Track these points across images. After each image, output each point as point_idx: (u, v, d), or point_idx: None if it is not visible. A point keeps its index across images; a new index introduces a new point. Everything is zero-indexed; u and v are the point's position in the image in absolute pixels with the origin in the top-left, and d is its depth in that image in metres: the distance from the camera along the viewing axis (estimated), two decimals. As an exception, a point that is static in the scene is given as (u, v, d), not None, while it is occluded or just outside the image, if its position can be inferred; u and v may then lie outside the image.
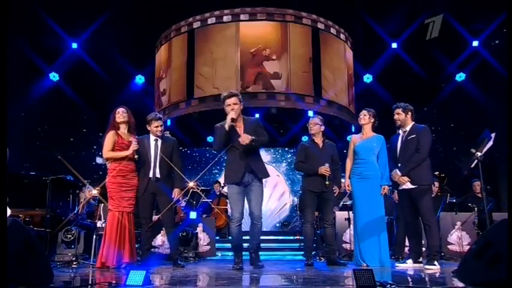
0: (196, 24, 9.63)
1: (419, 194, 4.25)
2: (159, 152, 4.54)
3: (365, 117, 4.67)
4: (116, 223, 4.24)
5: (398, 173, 4.33)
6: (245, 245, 4.49)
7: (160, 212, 4.60)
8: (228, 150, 4.20)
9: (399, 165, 4.38)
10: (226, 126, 4.02)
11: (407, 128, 4.43)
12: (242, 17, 9.45)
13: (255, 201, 4.14)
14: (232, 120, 4.01)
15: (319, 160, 4.66)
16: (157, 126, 4.55)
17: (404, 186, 4.35)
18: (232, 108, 4.06)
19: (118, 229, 4.23)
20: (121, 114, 4.49)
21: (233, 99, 4.10)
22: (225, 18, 9.48)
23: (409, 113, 4.44)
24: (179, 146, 4.80)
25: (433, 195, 4.77)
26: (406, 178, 4.30)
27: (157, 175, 4.49)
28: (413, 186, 4.29)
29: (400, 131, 4.50)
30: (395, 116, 4.48)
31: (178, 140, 4.98)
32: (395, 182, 4.45)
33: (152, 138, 4.62)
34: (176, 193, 4.58)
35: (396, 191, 4.67)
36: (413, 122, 4.46)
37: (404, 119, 4.44)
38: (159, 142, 4.61)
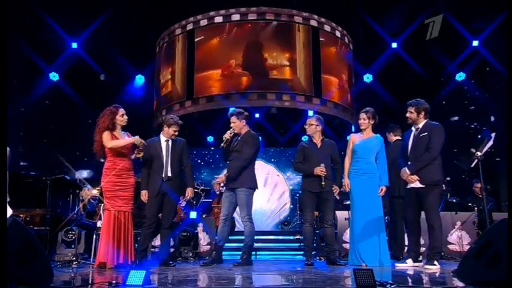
0: (197, 24, 9.63)
1: (427, 193, 4.16)
2: (170, 153, 4.63)
3: (364, 122, 4.63)
4: (112, 222, 4.21)
5: (407, 171, 4.24)
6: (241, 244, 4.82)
7: (162, 212, 4.60)
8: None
9: (409, 163, 4.29)
10: None
11: (420, 125, 4.33)
12: (241, 17, 9.45)
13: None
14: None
15: (318, 160, 4.65)
16: (175, 131, 4.70)
17: (412, 185, 4.25)
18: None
19: (115, 228, 4.21)
20: (125, 118, 4.42)
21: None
22: (225, 18, 9.48)
23: (422, 112, 4.32)
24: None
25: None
26: (415, 177, 4.20)
27: (169, 174, 4.57)
28: (422, 186, 4.19)
29: (413, 128, 4.41)
30: (407, 114, 4.38)
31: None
32: (403, 180, 4.35)
33: (163, 139, 4.71)
34: (189, 192, 4.69)
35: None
36: (426, 119, 4.35)
37: (416, 118, 4.35)
38: (170, 142, 4.69)
